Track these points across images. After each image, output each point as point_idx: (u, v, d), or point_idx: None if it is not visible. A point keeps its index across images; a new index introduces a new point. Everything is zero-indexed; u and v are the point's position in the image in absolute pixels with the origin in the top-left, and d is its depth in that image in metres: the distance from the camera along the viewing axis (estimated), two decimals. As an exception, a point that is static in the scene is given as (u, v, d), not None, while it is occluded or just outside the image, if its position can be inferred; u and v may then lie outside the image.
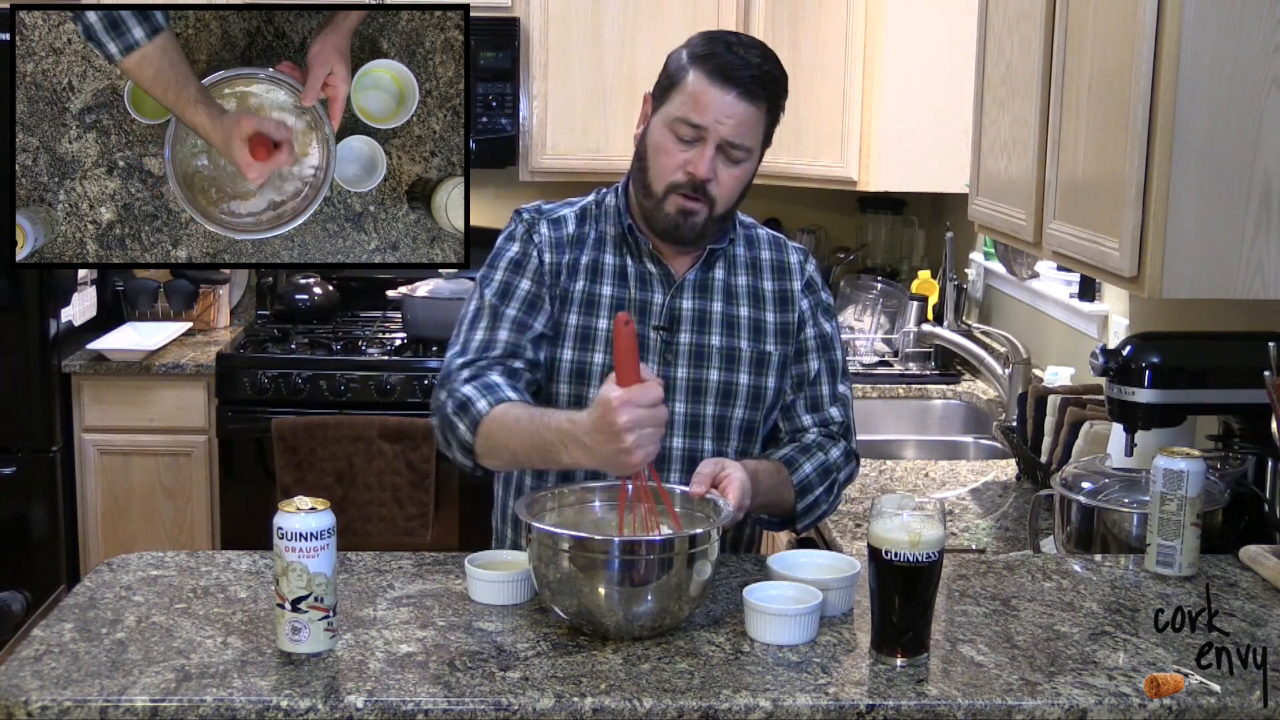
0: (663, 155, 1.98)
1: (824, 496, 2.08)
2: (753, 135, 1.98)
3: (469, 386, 1.95)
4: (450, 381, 1.99)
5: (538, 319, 2.03)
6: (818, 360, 2.13)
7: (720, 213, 2.01)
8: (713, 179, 1.96)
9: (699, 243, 2.05)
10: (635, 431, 1.71)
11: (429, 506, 3.87)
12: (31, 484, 3.97)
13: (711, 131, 1.94)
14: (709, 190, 1.97)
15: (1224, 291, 1.98)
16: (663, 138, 1.98)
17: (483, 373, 1.98)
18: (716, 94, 1.94)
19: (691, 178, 1.96)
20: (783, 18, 4.05)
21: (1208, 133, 1.93)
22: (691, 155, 1.96)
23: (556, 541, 1.68)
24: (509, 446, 1.90)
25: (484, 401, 1.92)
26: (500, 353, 2.00)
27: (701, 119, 1.94)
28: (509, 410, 1.91)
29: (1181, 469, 1.92)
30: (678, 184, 1.97)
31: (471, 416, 1.92)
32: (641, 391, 1.71)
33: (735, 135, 1.95)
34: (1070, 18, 2.29)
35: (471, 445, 1.93)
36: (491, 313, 2.03)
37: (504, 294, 2.04)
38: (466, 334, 2.04)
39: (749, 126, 1.96)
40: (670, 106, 1.98)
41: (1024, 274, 3.49)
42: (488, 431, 1.91)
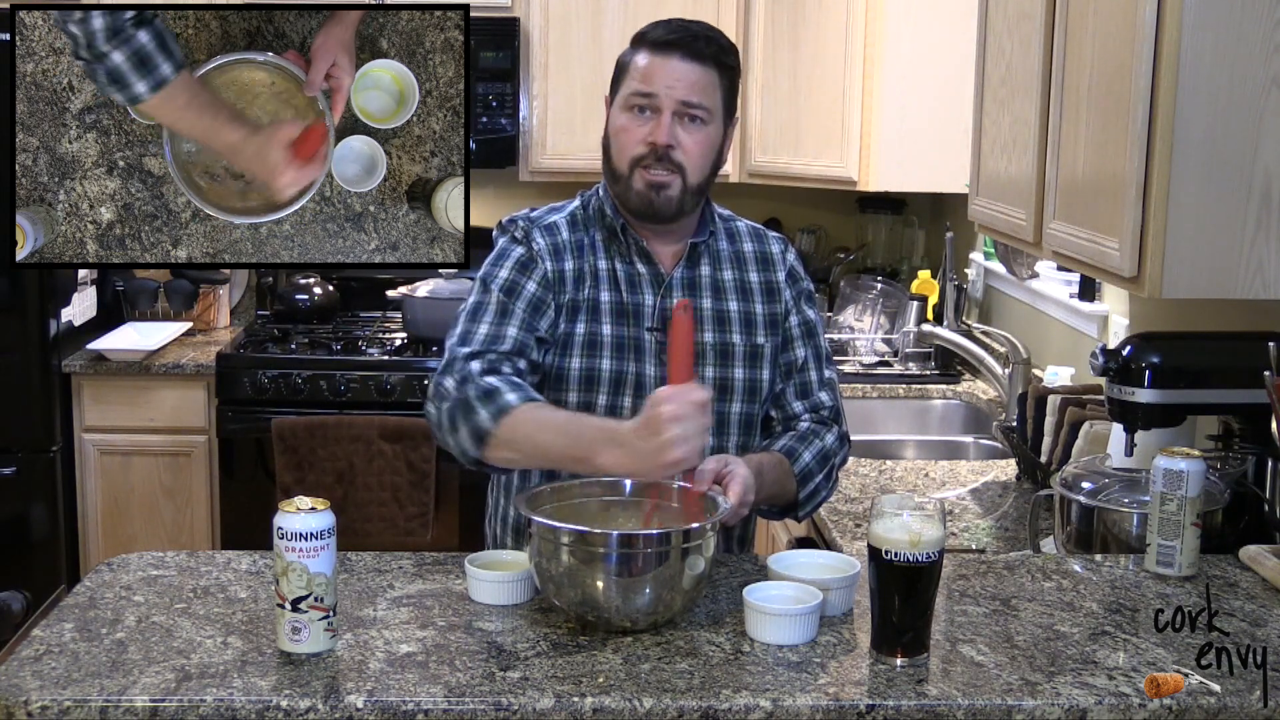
0: (622, 134, 2.01)
1: (824, 483, 2.11)
2: (708, 95, 1.99)
3: (494, 378, 1.92)
4: (460, 368, 1.95)
5: (542, 322, 2.02)
6: (804, 347, 2.14)
7: (694, 182, 2.01)
8: (675, 144, 1.98)
9: (679, 218, 2.05)
10: (679, 425, 1.72)
11: (429, 506, 3.87)
12: (31, 484, 3.97)
13: (664, 97, 1.97)
14: (674, 158, 1.98)
15: (1224, 291, 1.98)
16: (620, 118, 2.01)
17: (497, 367, 1.96)
18: (660, 61, 1.98)
19: (653, 146, 1.97)
20: (783, 18, 4.05)
21: (1208, 133, 1.93)
22: (649, 126, 1.98)
23: (557, 535, 1.68)
24: (535, 440, 1.88)
25: (514, 395, 1.90)
26: (509, 349, 1.98)
27: (651, 87, 1.97)
28: (541, 408, 1.91)
29: (1181, 469, 1.92)
30: (640, 156, 1.99)
31: (498, 405, 1.88)
32: (687, 390, 1.74)
33: (688, 94, 1.97)
34: (1070, 18, 2.29)
35: (488, 433, 1.88)
36: (500, 308, 2.01)
37: (511, 291, 2.02)
38: (470, 325, 2.01)
39: (701, 86, 1.98)
40: (623, 91, 2.01)
41: (1024, 274, 3.49)
42: (513, 423, 1.87)
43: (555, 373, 2.04)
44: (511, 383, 1.93)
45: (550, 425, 1.88)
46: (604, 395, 2.03)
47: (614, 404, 2.03)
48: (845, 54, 3.88)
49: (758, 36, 4.10)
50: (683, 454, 1.73)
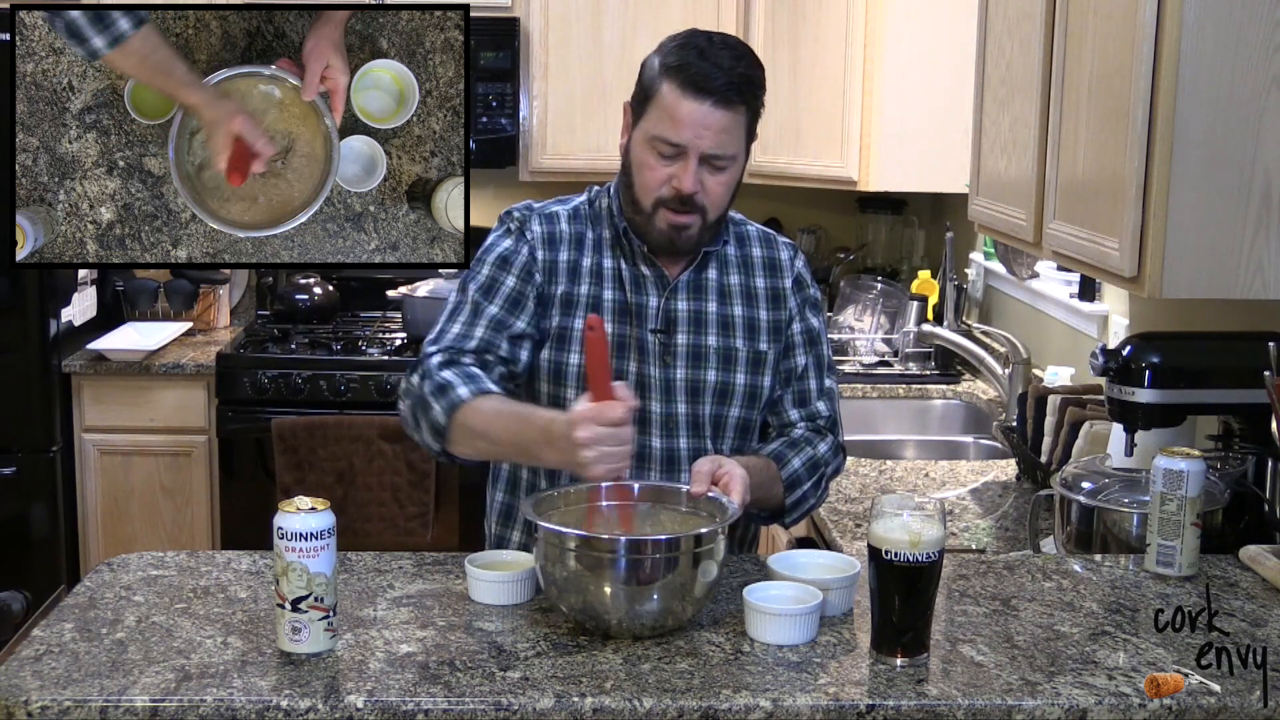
0: (646, 171, 1.98)
1: (811, 491, 2.10)
2: (734, 141, 1.96)
3: (448, 372, 1.95)
4: (422, 366, 1.99)
5: (520, 317, 2.03)
6: (804, 355, 2.14)
7: (713, 219, 2.01)
8: (699, 190, 1.96)
9: (695, 251, 2.06)
10: (594, 448, 1.73)
11: (429, 506, 3.87)
12: (31, 484, 3.97)
13: (691, 147, 1.93)
14: (697, 201, 1.97)
15: (1224, 291, 1.98)
16: (644, 154, 1.98)
17: (457, 361, 1.98)
18: (691, 106, 1.91)
19: (677, 193, 1.96)
20: (783, 18, 4.05)
21: (1208, 133, 1.93)
22: (674, 170, 1.95)
23: (563, 540, 1.68)
24: (486, 436, 1.90)
25: (465, 389, 1.92)
26: (474, 347, 2.01)
27: (679, 137, 1.93)
28: (489, 401, 1.92)
29: (1181, 469, 1.92)
30: (664, 199, 1.98)
31: (450, 400, 1.91)
32: (603, 410, 1.74)
33: (716, 147, 1.94)
34: (1070, 18, 2.29)
35: (444, 428, 1.92)
36: (472, 308, 2.03)
37: (488, 290, 2.04)
38: (445, 325, 2.05)
39: (729, 134, 1.95)
40: (648, 123, 1.97)
41: (1024, 274, 3.49)
42: (464, 418, 1.90)
43: (554, 368, 2.04)
44: (466, 374, 1.95)
45: (496, 421, 1.90)
46: (573, 390, 2.03)
47: None
48: (845, 54, 3.88)
49: (758, 36, 4.10)
50: (602, 472, 1.76)
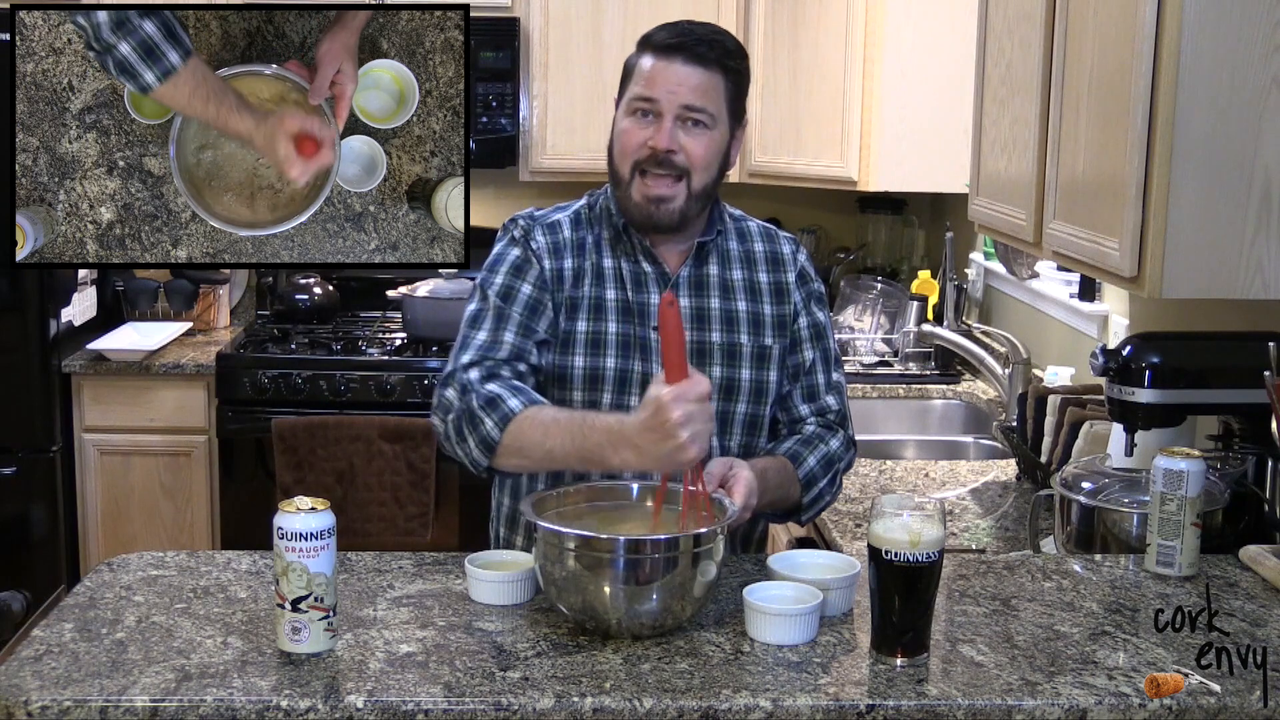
0: (624, 137, 2.00)
1: (828, 488, 2.11)
2: (711, 99, 1.98)
3: (494, 385, 1.93)
4: (459, 378, 1.96)
5: (540, 323, 2.02)
6: (812, 350, 2.13)
7: (698, 186, 2.00)
8: (676, 149, 1.97)
9: (683, 227, 2.04)
10: (689, 427, 1.71)
11: (429, 506, 3.87)
12: (31, 484, 3.97)
13: (665, 102, 1.96)
14: (677, 162, 1.97)
15: (1224, 291, 1.98)
16: (623, 121, 2.01)
17: (496, 373, 1.97)
18: (663, 64, 1.97)
19: (653, 151, 1.97)
20: (783, 18, 4.05)
21: (1208, 133, 1.93)
22: (651, 130, 1.98)
23: (562, 540, 1.68)
24: (544, 445, 1.88)
25: (516, 400, 1.91)
26: (506, 355, 1.99)
27: (653, 91, 1.97)
28: (544, 410, 1.91)
29: (1181, 469, 1.92)
30: (641, 160, 1.98)
31: (501, 413, 1.90)
32: (690, 386, 1.72)
33: (690, 98, 1.96)
34: (1070, 18, 2.29)
35: (496, 442, 1.90)
36: (496, 314, 2.02)
37: (507, 296, 2.03)
38: (469, 332, 2.02)
39: (704, 90, 1.97)
40: (627, 93, 2.01)
41: (1024, 274, 3.49)
42: (519, 429, 1.89)
43: (558, 371, 2.03)
44: (512, 387, 1.93)
45: (556, 428, 1.88)
46: (609, 394, 2.03)
47: (619, 402, 2.03)
48: (845, 54, 3.88)
49: (758, 36, 4.10)
50: (696, 452, 1.74)
